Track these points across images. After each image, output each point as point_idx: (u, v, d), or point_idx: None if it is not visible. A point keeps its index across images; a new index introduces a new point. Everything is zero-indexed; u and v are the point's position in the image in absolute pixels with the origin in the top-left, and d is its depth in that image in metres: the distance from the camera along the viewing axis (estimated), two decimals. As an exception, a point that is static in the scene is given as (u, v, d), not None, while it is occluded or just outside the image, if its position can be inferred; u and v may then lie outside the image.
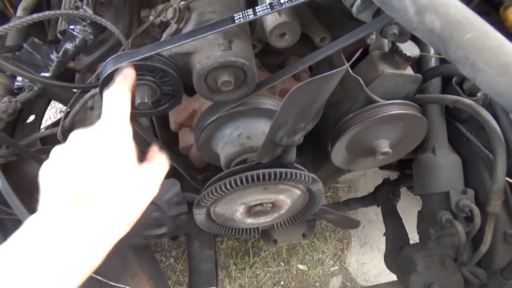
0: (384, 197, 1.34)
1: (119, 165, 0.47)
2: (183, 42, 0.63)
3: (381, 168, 1.49)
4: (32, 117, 1.22)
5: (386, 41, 1.01)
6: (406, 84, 0.96)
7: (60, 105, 2.25)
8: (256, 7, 0.62)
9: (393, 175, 1.52)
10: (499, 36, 0.53)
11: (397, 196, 1.33)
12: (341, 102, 0.97)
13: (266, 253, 1.87)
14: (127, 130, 0.51)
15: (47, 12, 0.78)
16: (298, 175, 0.70)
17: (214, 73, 0.67)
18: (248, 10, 0.62)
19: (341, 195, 2.00)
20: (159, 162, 0.53)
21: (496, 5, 1.21)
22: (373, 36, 0.91)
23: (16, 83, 0.91)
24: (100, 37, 0.90)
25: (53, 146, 0.50)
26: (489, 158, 1.01)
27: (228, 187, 0.69)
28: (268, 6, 0.62)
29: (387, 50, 0.98)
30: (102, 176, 0.45)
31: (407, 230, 1.28)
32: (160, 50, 0.63)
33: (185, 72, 0.71)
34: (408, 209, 1.66)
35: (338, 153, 1.00)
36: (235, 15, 0.62)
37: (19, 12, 0.99)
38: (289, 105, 0.57)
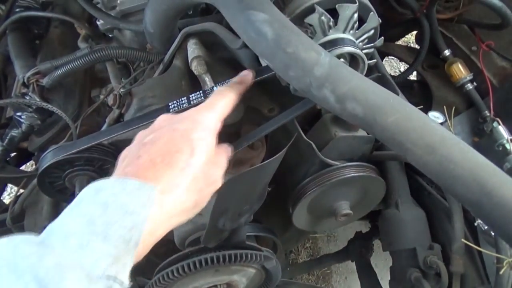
0: (357, 251, 1.31)
1: (197, 148, 0.47)
2: (119, 133, 0.62)
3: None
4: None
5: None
6: (360, 145, 0.97)
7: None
8: (191, 95, 0.63)
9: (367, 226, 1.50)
10: (422, 116, 0.55)
11: (369, 250, 1.31)
12: (297, 166, 0.97)
13: (247, 313, 1.79)
14: (216, 125, 0.53)
15: (-11, 103, 0.78)
16: (248, 256, 0.68)
17: (156, 158, 0.67)
18: (182, 99, 0.63)
19: (321, 245, 1.96)
20: (223, 156, 0.54)
21: (445, 59, 1.27)
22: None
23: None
24: (50, 119, 0.90)
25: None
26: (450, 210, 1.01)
27: (175, 274, 0.66)
28: (201, 94, 0.63)
29: (338, 112, 1.00)
30: (176, 153, 0.45)
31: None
32: (96, 142, 0.63)
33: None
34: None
35: (300, 217, 0.99)
36: (170, 104, 0.63)
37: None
38: (226, 195, 0.56)
